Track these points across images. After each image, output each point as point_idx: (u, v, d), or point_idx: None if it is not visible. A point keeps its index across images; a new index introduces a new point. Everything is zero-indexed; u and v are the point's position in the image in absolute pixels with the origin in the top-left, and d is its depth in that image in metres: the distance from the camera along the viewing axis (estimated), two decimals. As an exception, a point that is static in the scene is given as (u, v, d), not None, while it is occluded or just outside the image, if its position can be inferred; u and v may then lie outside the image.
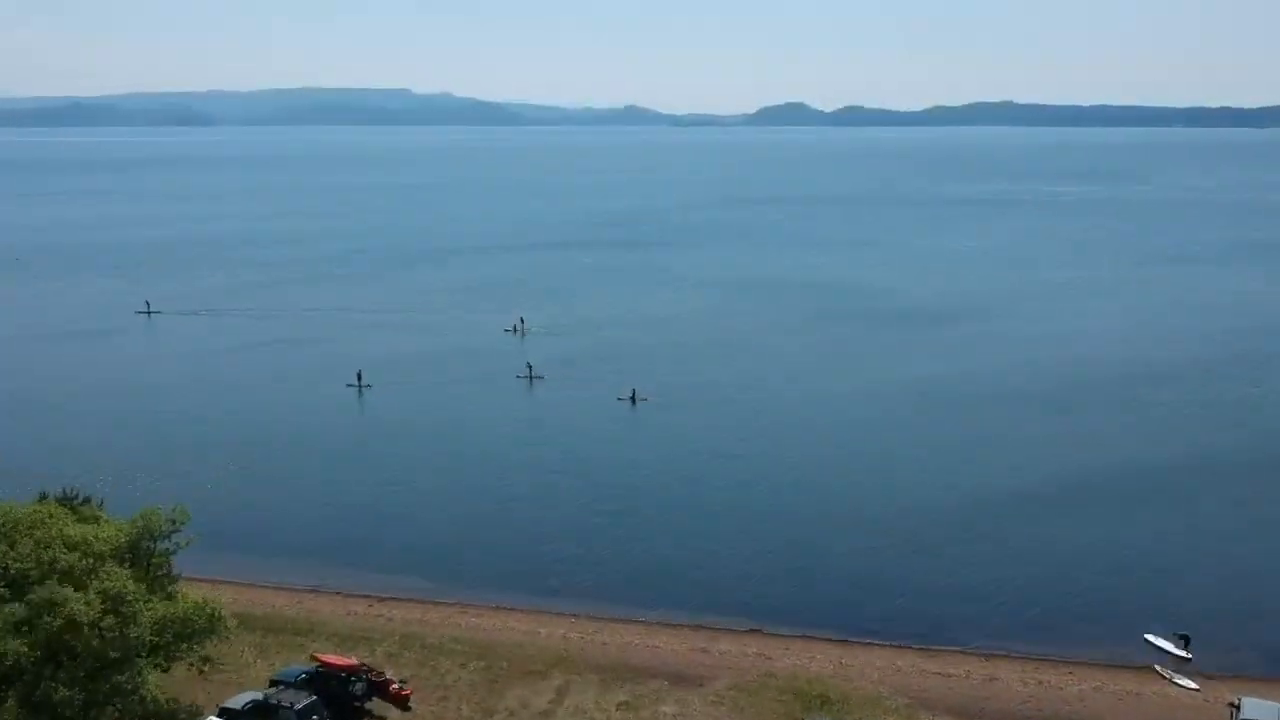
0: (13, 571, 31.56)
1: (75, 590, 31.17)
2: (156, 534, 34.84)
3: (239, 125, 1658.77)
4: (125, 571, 32.28)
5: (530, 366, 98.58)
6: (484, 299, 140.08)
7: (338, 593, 56.44)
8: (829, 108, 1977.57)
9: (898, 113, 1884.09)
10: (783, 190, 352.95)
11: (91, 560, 32.09)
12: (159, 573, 35.75)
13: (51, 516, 33.46)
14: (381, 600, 55.21)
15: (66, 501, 41.84)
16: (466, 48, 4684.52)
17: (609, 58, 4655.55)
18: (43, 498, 41.93)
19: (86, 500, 42.84)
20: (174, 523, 35.47)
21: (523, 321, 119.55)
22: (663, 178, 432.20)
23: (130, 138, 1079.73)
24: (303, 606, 54.33)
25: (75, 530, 32.76)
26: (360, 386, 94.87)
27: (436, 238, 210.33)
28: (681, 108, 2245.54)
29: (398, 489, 70.73)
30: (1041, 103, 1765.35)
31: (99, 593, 31.27)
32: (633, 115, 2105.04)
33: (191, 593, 34.24)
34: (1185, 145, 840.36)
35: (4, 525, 32.97)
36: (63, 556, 31.63)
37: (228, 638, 35.22)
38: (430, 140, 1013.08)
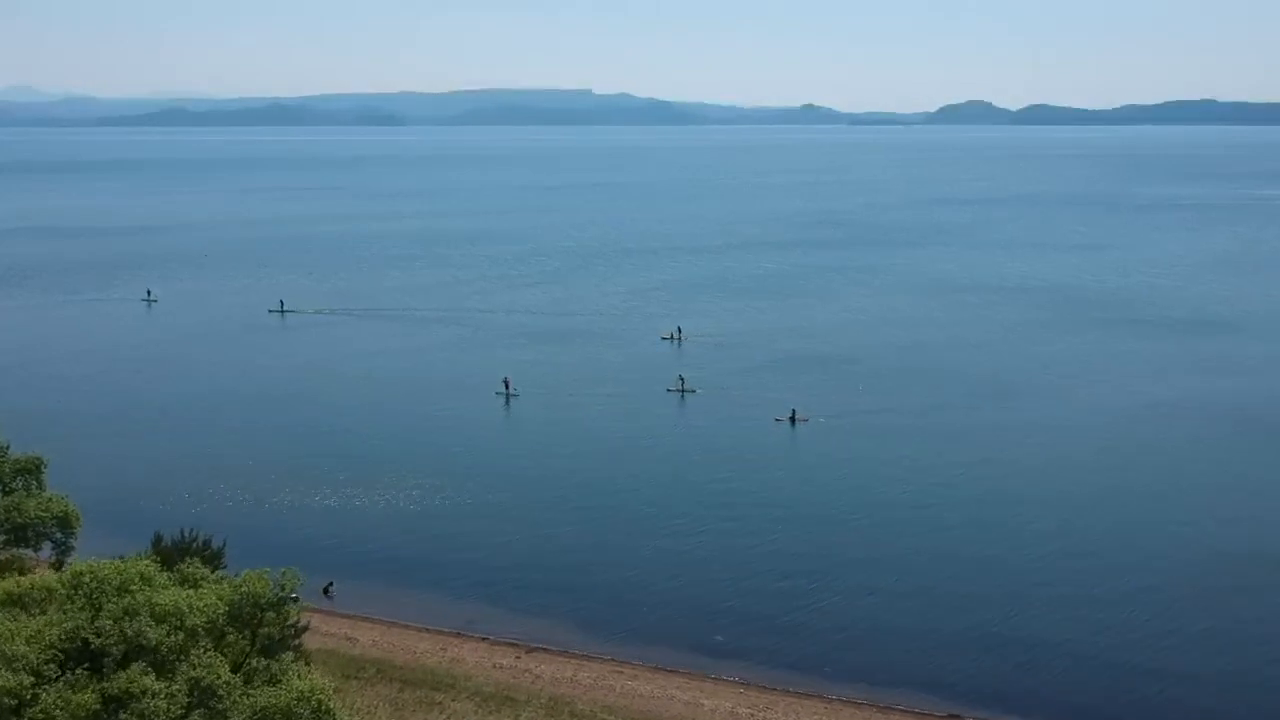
0: (93, 647, 27.02)
1: (160, 675, 26.51)
2: (262, 602, 29.94)
3: (428, 125, 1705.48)
4: (220, 658, 27.46)
5: (682, 379, 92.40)
6: (649, 303, 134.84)
7: (484, 638, 51.39)
8: (1014, 106, 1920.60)
9: (1087, 111, 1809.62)
10: (973, 191, 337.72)
11: (183, 637, 27.32)
12: (265, 643, 30.92)
13: (143, 578, 28.88)
14: (530, 651, 49.90)
15: (182, 546, 37.87)
16: (645, 49, 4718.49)
17: (786, 56, 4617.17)
18: (156, 542, 38.09)
19: (207, 544, 38.81)
20: (283, 588, 30.55)
21: (679, 330, 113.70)
22: (845, 178, 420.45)
23: (325, 136, 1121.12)
24: (446, 655, 49.49)
25: (167, 597, 28.08)
26: (508, 394, 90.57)
27: (612, 238, 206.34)
28: (860, 106, 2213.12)
29: (545, 515, 65.25)
30: (1246, 100, 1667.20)
31: (187, 680, 26.53)
32: (810, 114, 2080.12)
33: (298, 681, 29.11)
34: None
35: (91, 589, 28.55)
36: (149, 631, 26.92)
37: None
38: (611, 140, 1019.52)
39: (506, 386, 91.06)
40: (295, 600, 49.77)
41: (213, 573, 33.15)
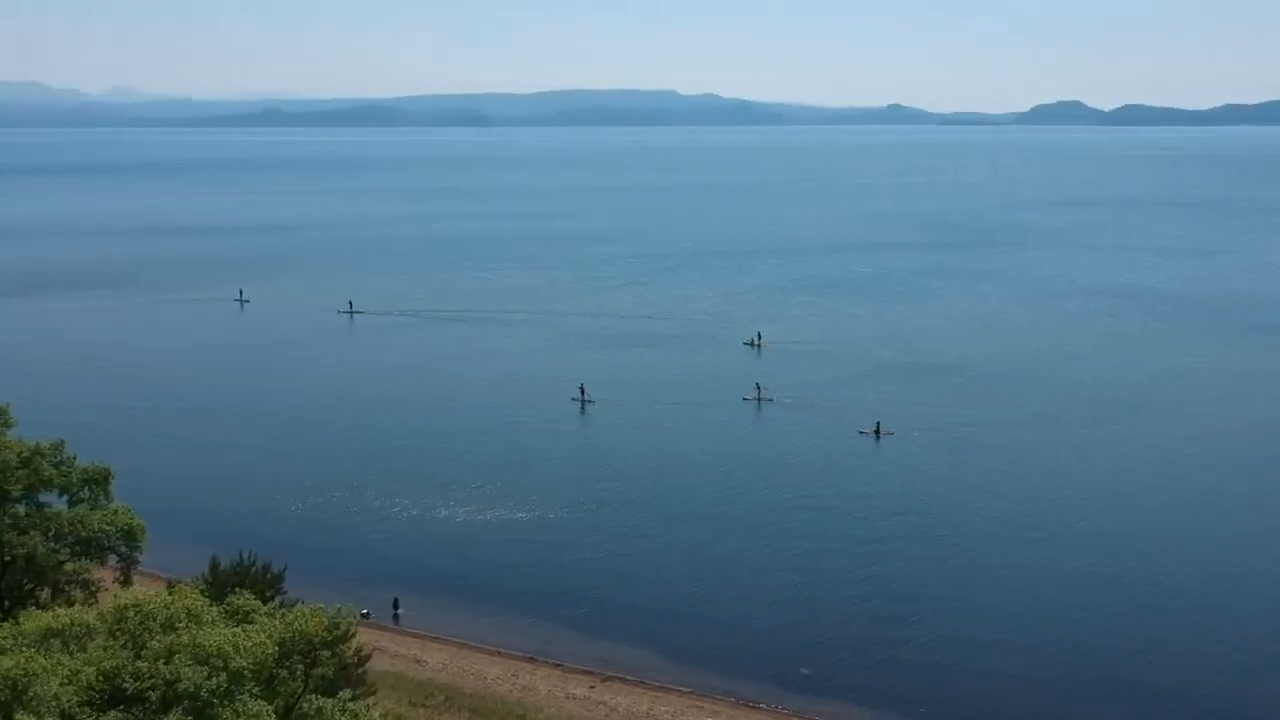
0: (129, 691, 25.04)
1: (201, 723, 24.43)
2: (315, 641, 27.77)
3: (515, 126, 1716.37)
4: (266, 706, 25.33)
5: (759, 387, 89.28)
6: (734, 307, 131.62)
7: (558, 665, 49.03)
8: (1107, 106, 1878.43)
9: (1184, 111, 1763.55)
10: (1070, 193, 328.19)
11: (226, 681, 25.21)
12: (320, 683, 28.76)
13: (190, 614, 26.89)
14: (605, 680, 47.40)
15: (240, 569, 36.04)
16: (731, 50, 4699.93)
17: (873, 56, 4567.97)
18: (214, 568, 36.31)
19: (266, 568, 36.94)
20: (337, 626, 28.34)
21: (759, 336, 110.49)
22: (936, 179, 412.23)
23: (416, 137, 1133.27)
24: (517, 682, 47.22)
25: (212, 638, 26.05)
26: (583, 401, 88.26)
27: (697, 241, 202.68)
28: (949, 106, 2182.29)
29: (618, 532, 62.61)
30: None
31: (231, 729, 24.43)
32: (897, 114, 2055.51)
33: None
34: None
35: (134, 626, 26.64)
36: (188, 675, 24.86)
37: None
38: (696, 140, 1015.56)
39: (582, 393, 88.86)
40: (366, 615, 47.91)
41: (266, 604, 31.15)
